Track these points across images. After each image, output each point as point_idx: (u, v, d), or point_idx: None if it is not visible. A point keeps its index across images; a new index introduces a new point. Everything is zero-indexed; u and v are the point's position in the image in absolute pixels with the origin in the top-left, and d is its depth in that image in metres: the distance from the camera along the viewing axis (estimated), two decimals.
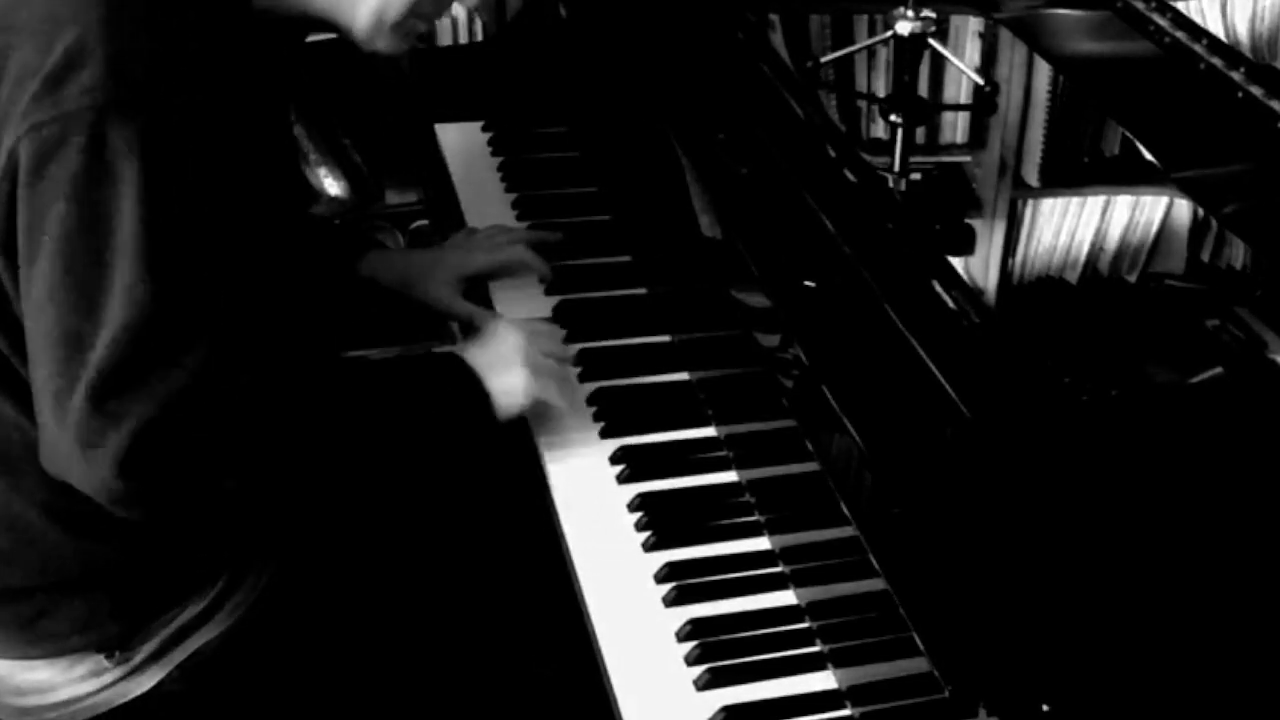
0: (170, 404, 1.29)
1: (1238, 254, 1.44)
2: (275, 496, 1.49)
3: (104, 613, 1.48)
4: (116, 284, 1.27)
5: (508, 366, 1.54)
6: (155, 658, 1.51)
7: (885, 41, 1.68)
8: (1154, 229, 1.47)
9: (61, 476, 1.34)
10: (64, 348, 1.29)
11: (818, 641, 1.39)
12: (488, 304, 1.83)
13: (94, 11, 1.28)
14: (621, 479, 1.57)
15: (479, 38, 2.64)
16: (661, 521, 1.52)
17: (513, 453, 1.64)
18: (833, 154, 1.57)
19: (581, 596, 1.46)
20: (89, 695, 1.51)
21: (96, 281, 1.28)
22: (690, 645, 1.39)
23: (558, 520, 1.54)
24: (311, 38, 1.56)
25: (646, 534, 1.51)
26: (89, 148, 1.26)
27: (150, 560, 1.48)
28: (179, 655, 1.52)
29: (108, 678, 1.50)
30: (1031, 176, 1.60)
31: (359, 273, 1.82)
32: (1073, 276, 1.42)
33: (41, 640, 1.48)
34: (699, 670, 1.37)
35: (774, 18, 1.82)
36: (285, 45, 1.53)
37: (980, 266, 1.44)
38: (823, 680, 1.36)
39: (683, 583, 1.45)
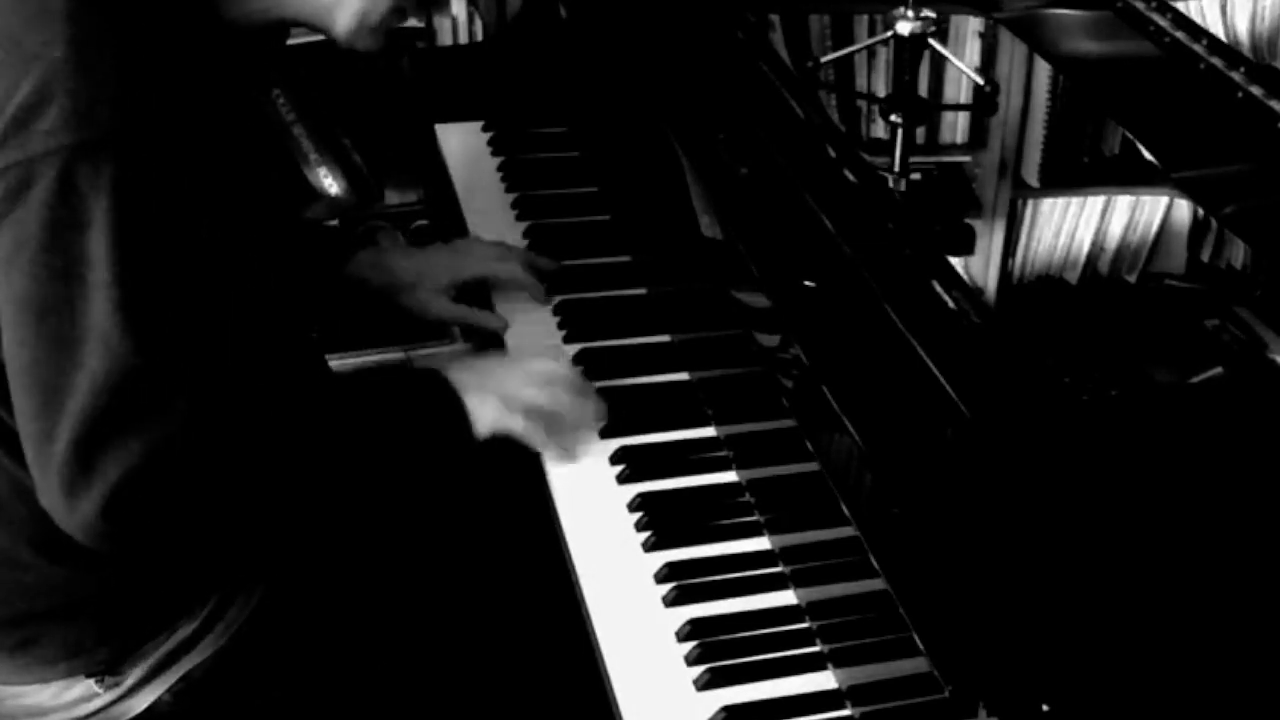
0: (156, 452, 1.26)
1: (1238, 254, 1.44)
2: (280, 521, 1.47)
3: (91, 638, 1.47)
4: (92, 332, 1.23)
5: (481, 393, 1.50)
6: (147, 680, 1.50)
7: (885, 41, 1.68)
8: (1154, 229, 1.47)
9: (50, 514, 1.31)
10: (42, 395, 1.25)
11: (818, 641, 1.39)
12: (489, 306, 1.83)
13: (59, 48, 1.22)
14: (621, 479, 1.57)
15: (479, 38, 2.64)
16: (661, 521, 1.52)
17: (512, 453, 1.64)
18: (833, 154, 1.57)
19: (581, 596, 1.46)
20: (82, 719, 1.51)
21: (71, 330, 1.23)
22: (690, 645, 1.39)
23: (558, 520, 1.54)
24: (307, 38, 1.56)
25: (646, 534, 1.51)
26: (57, 191, 1.21)
27: (138, 586, 1.47)
28: (170, 677, 1.51)
29: (99, 701, 1.50)
30: (1031, 176, 1.60)
31: (346, 274, 1.79)
32: (1073, 276, 1.42)
33: (31, 666, 1.48)
34: (699, 670, 1.37)
35: (774, 18, 1.82)
36: (261, 49, 1.49)
37: (980, 266, 1.44)
38: (823, 680, 1.36)
39: (683, 583, 1.45)
